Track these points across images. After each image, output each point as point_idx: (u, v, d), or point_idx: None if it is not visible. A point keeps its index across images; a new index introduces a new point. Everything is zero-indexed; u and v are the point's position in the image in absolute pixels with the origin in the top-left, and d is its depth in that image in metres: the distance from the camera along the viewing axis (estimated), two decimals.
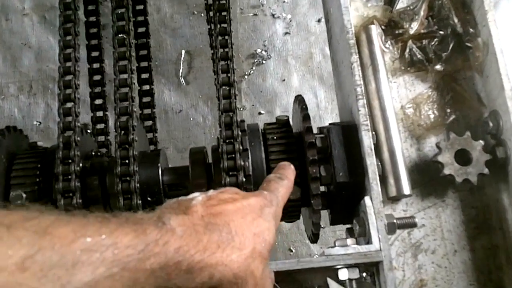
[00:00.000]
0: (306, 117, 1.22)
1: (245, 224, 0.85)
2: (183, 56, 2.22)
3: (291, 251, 1.95)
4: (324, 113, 2.10)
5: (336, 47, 1.39)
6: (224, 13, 1.35)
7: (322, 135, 1.24)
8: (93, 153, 1.38)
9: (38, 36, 2.31)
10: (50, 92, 2.21)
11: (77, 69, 1.30)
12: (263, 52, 2.19)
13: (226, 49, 1.32)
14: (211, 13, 1.44)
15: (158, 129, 1.71)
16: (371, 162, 1.16)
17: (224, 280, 0.79)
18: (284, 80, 2.15)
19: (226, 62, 1.30)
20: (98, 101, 1.61)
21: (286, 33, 2.20)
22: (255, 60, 2.20)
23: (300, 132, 1.26)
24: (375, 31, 1.35)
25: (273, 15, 2.23)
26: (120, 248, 0.69)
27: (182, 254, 0.75)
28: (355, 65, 1.24)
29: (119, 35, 1.30)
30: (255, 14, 2.23)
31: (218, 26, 1.34)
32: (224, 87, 1.27)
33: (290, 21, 2.21)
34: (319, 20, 2.19)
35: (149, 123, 1.68)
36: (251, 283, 0.83)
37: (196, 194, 0.90)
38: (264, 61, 2.18)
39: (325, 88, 2.12)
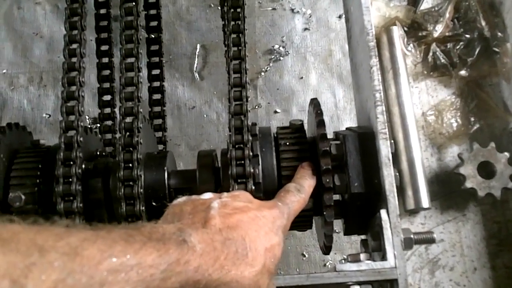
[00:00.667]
0: (320, 123, 1.15)
1: (259, 238, 0.87)
2: (198, 50, 2.16)
3: (304, 256, 1.88)
4: (343, 113, 2.03)
5: (356, 48, 1.32)
6: (238, 10, 1.29)
7: (337, 142, 1.17)
8: (98, 153, 1.32)
9: (50, 26, 2.26)
10: (60, 84, 2.15)
11: (83, 66, 1.24)
12: (281, 48, 2.12)
13: (239, 48, 1.26)
14: (225, 8, 1.38)
15: (170, 125, 1.66)
16: (388, 173, 1.09)
17: None
18: (302, 77, 2.08)
19: (238, 62, 1.23)
20: (106, 97, 1.56)
21: (305, 29, 2.13)
22: (273, 56, 2.13)
23: (314, 138, 1.20)
24: (397, 32, 1.28)
25: (292, 9, 2.16)
26: (144, 268, 0.70)
27: (201, 273, 0.77)
28: (374, 69, 1.17)
29: (127, 32, 1.24)
30: (274, 9, 2.16)
31: (232, 23, 1.28)
32: (235, 88, 1.21)
33: (310, 16, 2.14)
34: (340, 16, 2.11)
35: (159, 121, 1.62)
36: None
37: (209, 195, 0.94)
38: (281, 58, 2.11)
39: (344, 87, 2.05)
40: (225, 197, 0.93)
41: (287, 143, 1.20)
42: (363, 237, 1.25)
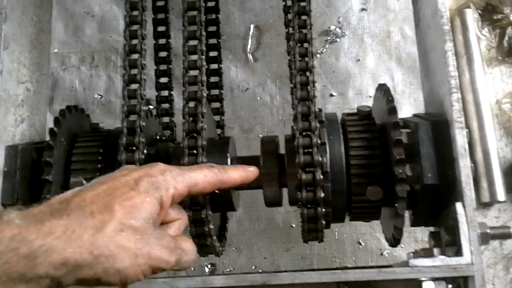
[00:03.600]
0: (392, 110, 1.10)
1: (109, 201, 0.85)
2: (251, 31, 2.11)
3: (360, 244, 1.84)
4: (401, 97, 1.95)
5: (426, 32, 1.26)
6: None
7: (408, 130, 1.12)
8: (158, 138, 1.29)
9: (101, 5, 2.23)
10: (112, 64, 2.14)
11: (144, 48, 1.21)
12: (337, 29, 2.05)
13: (305, 31, 1.21)
14: None
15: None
16: (464, 164, 1.04)
17: (81, 262, 0.79)
18: (358, 60, 2.01)
19: (304, 45, 1.19)
20: (163, 80, 1.53)
21: (363, 9, 2.06)
22: (328, 38, 2.06)
23: (384, 125, 1.15)
24: (471, 15, 1.22)
25: None
26: None
27: (18, 241, 0.76)
28: (449, 54, 1.11)
29: (189, 13, 1.20)
30: None
31: (297, 4, 1.22)
32: (301, 72, 1.16)
33: None
34: None
35: (217, 105, 1.58)
36: (126, 256, 0.83)
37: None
38: (338, 39, 2.05)
39: (403, 70, 1.98)
40: (100, 177, 0.93)
41: (356, 130, 1.15)
42: (431, 230, 1.20)
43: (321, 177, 1.08)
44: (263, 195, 1.21)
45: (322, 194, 1.08)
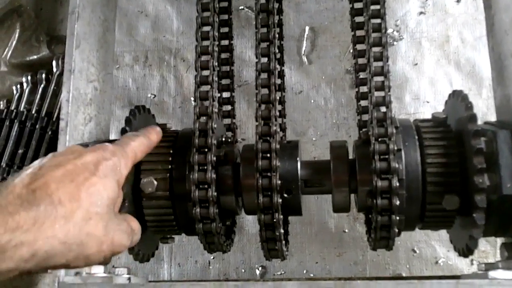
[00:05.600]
0: (473, 118, 1.07)
1: (75, 188, 0.86)
2: (306, 33, 2.09)
3: (415, 251, 1.81)
4: None
5: (502, 38, 1.23)
6: None
7: (486, 139, 1.09)
8: (223, 140, 1.28)
9: (156, 4, 2.23)
10: (166, 64, 2.13)
11: (215, 49, 1.20)
12: (395, 32, 2.02)
13: (379, 34, 1.19)
14: None
15: None
16: None
17: (53, 251, 0.81)
18: (416, 64, 1.98)
19: (380, 49, 1.17)
20: (225, 81, 1.51)
21: (421, 12, 2.03)
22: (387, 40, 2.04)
23: (460, 132, 1.12)
24: None
25: None
26: None
27: None
28: None
29: (262, 15, 1.19)
30: None
31: (371, 7, 1.21)
32: (376, 77, 1.15)
33: (427, 0, 2.04)
34: (458, 1, 2.00)
35: (279, 107, 1.56)
36: (94, 243, 0.86)
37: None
38: (395, 42, 2.02)
39: (462, 75, 1.94)
40: (45, 159, 0.91)
41: (431, 137, 1.13)
42: (503, 240, 1.18)
43: (397, 184, 1.06)
44: (332, 201, 1.20)
45: (398, 202, 1.06)
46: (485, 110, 1.87)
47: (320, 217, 1.89)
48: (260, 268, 1.87)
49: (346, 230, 1.87)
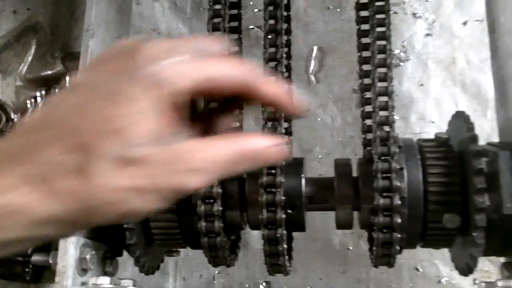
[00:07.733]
0: (474, 139, 1.10)
1: (90, 129, 0.59)
2: (314, 52, 2.12)
3: (418, 270, 1.82)
4: None
5: (506, 60, 1.26)
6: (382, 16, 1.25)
7: (487, 159, 1.11)
8: None
9: (168, 23, 2.27)
10: None
11: None
12: (401, 53, 2.05)
13: (384, 56, 1.22)
14: (362, 13, 1.34)
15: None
16: None
17: (70, 216, 0.59)
18: (422, 85, 2.01)
19: (384, 70, 1.20)
20: None
21: (428, 34, 2.05)
22: (392, 61, 2.06)
23: (461, 152, 1.14)
24: None
25: (414, 14, 2.08)
26: None
27: None
28: None
29: (271, 35, 1.23)
30: (395, 12, 2.08)
31: (376, 29, 1.24)
32: (380, 97, 1.17)
33: (433, 22, 2.06)
34: (464, 23, 2.02)
35: (285, 124, 1.59)
36: (134, 196, 0.60)
37: None
38: (401, 63, 2.05)
39: (467, 97, 1.96)
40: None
41: (434, 157, 1.15)
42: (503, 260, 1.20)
43: (399, 202, 1.08)
44: (335, 217, 1.22)
45: (399, 220, 1.09)
46: (490, 131, 1.88)
47: (325, 234, 1.90)
48: (264, 284, 1.89)
49: (350, 248, 1.89)
